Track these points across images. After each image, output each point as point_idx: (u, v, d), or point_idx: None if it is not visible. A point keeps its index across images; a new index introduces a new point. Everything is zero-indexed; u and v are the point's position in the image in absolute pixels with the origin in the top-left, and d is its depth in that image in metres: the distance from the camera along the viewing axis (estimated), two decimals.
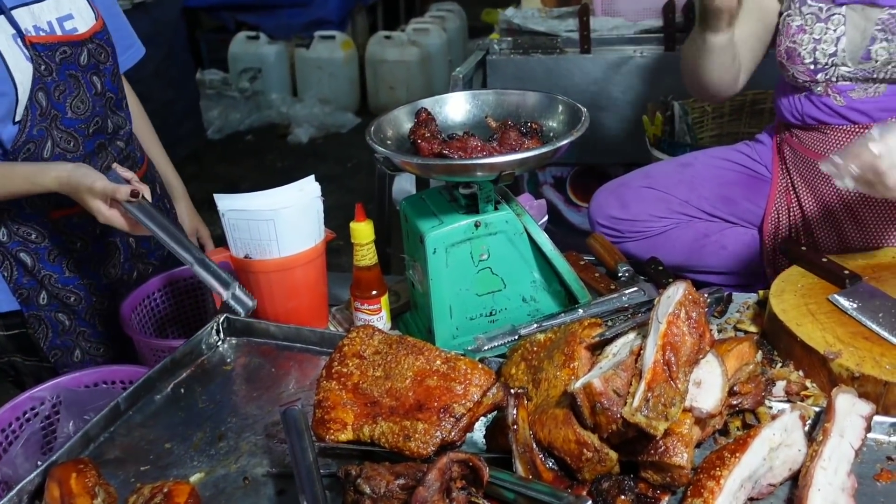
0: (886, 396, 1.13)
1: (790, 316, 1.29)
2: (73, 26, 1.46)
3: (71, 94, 1.44)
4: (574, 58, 2.88)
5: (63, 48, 1.42)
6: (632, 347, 1.11)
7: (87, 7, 1.50)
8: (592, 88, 2.90)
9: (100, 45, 1.49)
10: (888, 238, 1.60)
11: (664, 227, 1.78)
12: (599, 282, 1.47)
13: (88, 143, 1.49)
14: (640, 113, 2.75)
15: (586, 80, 2.89)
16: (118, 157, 1.56)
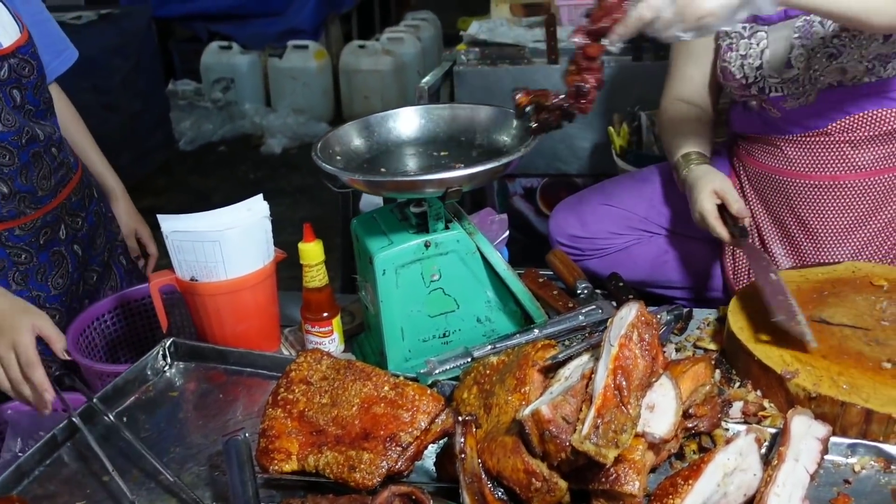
0: (844, 417, 1.11)
1: (747, 334, 1.26)
2: None
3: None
4: (541, 68, 2.86)
5: None
6: (584, 370, 1.07)
7: (12, 21, 1.46)
8: None
9: (23, 60, 1.45)
10: (842, 251, 1.59)
11: (625, 244, 1.76)
12: (558, 299, 1.44)
13: (23, 154, 1.47)
14: (609, 123, 2.73)
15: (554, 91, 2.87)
16: (53, 164, 1.53)
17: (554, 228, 1.83)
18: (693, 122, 1.70)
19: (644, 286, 1.80)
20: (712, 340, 1.38)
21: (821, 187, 1.58)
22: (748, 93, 1.61)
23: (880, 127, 1.52)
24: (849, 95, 1.52)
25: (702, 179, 1.55)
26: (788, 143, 1.61)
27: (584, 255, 1.79)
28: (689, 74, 1.72)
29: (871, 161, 1.55)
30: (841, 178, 1.57)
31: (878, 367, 1.17)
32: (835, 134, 1.55)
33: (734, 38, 1.59)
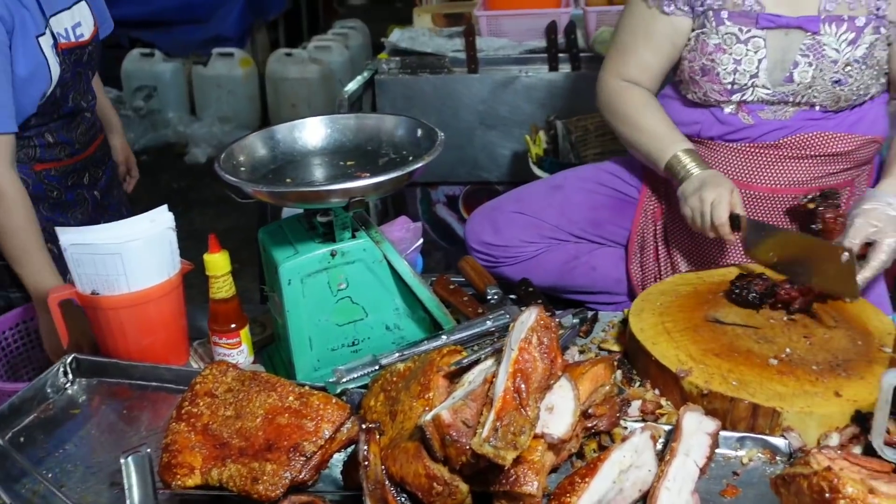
0: (733, 412, 1.16)
1: (647, 335, 1.31)
2: (80, 32, 1.72)
3: (74, 89, 1.72)
4: (462, 77, 2.91)
5: (76, 51, 1.70)
6: (487, 375, 1.10)
7: (89, 14, 1.77)
8: (480, 108, 2.93)
9: (95, 47, 1.78)
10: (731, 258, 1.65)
11: (536, 252, 1.80)
12: (467, 305, 1.46)
13: (67, 119, 1.76)
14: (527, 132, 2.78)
15: (474, 100, 2.92)
16: (87, 125, 1.82)
17: (469, 235, 1.86)
18: (658, 109, 1.65)
19: (554, 291, 1.84)
20: (616, 342, 1.42)
21: (757, 197, 1.63)
22: (727, 97, 1.59)
23: (828, 148, 1.58)
24: (819, 116, 1.58)
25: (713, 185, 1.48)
26: (734, 151, 1.63)
27: (498, 262, 1.82)
28: (645, 60, 1.66)
29: (811, 177, 1.61)
30: (779, 192, 1.62)
31: (765, 363, 1.22)
32: (784, 148, 1.59)
33: (725, 38, 1.55)
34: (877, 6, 1.46)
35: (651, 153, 1.60)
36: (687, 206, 1.49)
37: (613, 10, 2.88)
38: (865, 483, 0.82)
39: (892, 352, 1.26)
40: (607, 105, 1.70)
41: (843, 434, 1.12)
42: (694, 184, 1.49)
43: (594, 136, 2.73)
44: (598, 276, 1.81)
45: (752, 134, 1.60)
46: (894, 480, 0.85)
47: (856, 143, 1.57)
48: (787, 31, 1.51)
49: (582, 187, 1.84)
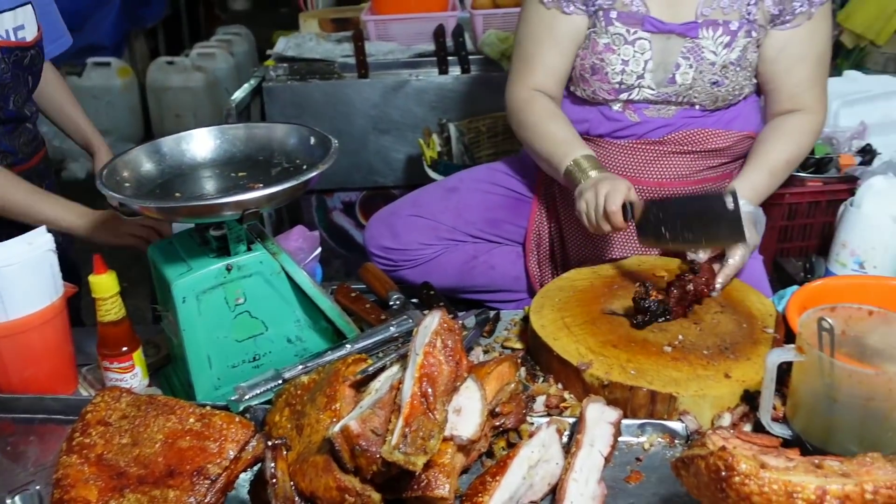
0: (633, 400, 1.20)
1: (548, 331, 1.34)
2: (23, 35, 1.69)
3: (15, 91, 1.68)
4: (352, 82, 2.89)
5: (17, 52, 1.66)
6: (393, 381, 1.09)
7: (34, 19, 1.73)
8: (372, 112, 2.92)
9: (38, 52, 1.74)
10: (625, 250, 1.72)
11: (435, 254, 1.81)
12: (370, 312, 1.46)
13: (10, 125, 1.72)
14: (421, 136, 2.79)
15: (366, 105, 2.91)
16: (28, 135, 1.79)
17: (368, 240, 1.85)
18: (562, 118, 1.66)
19: (455, 292, 1.85)
20: (518, 340, 1.45)
21: (644, 191, 1.68)
22: (615, 96, 1.64)
23: (708, 144, 1.65)
24: (699, 115, 1.64)
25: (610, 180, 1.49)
26: (622, 147, 1.68)
27: (399, 266, 1.81)
28: (552, 64, 1.66)
29: (693, 171, 1.68)
30: (665, 185, 1.69)
31: (660, 351, 1.27)
32: (668, 144, 1.66)
33: (614, 38, 1.59)
34: (748, 10, 1.55)
35: (552, 160, 1.62)
36: (582, 201, 1.51)
37: (499, 13, 2.94)
38: (757, 459, 0.87)
39: (773, 332, 1.34)
40: (515, 116, 1.70)
41: (734, 414, 1.18)
42: (590, 181, 1.52)
43: (487, 138, 2.77)
44: (498, 275, 1.84)
45: (638, 131, 1.66)
46: (782, 454, 0.90)
47: (732, 138, 1.65)
48: (669, 36, 1.58)
49: (477, 188, 1.86)
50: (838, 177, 2.01)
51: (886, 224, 1.66)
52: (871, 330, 1.10)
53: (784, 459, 0.88)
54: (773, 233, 2.04)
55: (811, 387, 1.05)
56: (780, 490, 0.82)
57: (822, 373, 1.02)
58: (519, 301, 1.87)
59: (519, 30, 1.70)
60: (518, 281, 1.86)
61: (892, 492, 0.81)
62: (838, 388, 1.01)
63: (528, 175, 1.85)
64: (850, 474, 0.84)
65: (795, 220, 2.06)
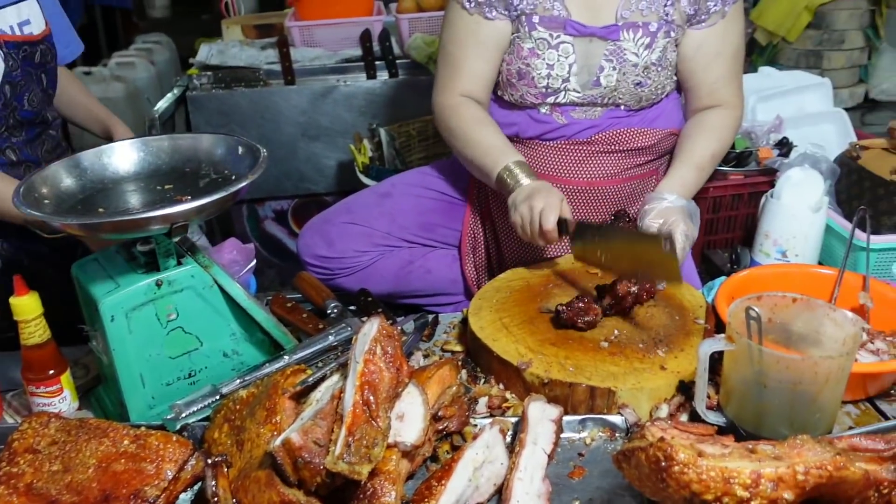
0: (573, 396, 1.22)
1: (487, 332, 1.35)
2: (29, 30, 1.66)
3: (28, 89, 1.65)
4: (279, 89, 2.85)
5: (24, 47, 1.63)
6: (334, 391, 1.08)
7: (39, 14, 1.69)
8: (301, 119, 2.89)
9: (48, 47, 1.70)
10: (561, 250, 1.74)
11: (371, 260, 1.80)
12: (307, 322, 1.44)
13: (30, 130, 1.69)
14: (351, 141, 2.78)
15: (294, 112, 2.88)
16: (51, 144, 1.76)
17: (302, 249, 1.83)
18: (491, 124, 1.67)
19: (393, 298, 1.85)
20: (458, 343, 1.45)
21: (575, 191, 1.71)
22: (542, 99, 1.66)
23: (634, 142, 1.68)
24: (624, 115, 1.67)
25: (543, 194, 1.49)
26: (552, 148, 1.70)
27: (335, 274, 1.80)
28: (479, 70, 1.66)
29: (621, 169, 1.71)
30: (595, 184, 1.71)
31: (597, 347, 1.30)
32: (595, 144, 1.68)
33: (538, 43, 1.60)
34: (665, 11, 1.60)
35: (483, 167, 1.62)
36: (517, 213, 1.51)
37: (425, 17, 2.94)
38: (694, 448, 0.89)
39: (704, 323, 1.38)
40: (443, 122, 1.70)
41: (671, 404, 1.21)
42: (524, 192, 1.52)
43: (418, 142, 2.77)
44: (434, 279, 1.84)
45: (566, 133, 1.69)
46: (718, 441, 0.93)
47: (657, 136, 1.70)
48: (591, 39, 1.61)
49: (410, 193, 1.86)
50: (758, 169, 2.09)
51: (805, 214, 1.73)
52: (796, 316, 1.14)
53: (720, 446, 0.90)
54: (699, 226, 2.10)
55: (742, 374, 1.09)
56: (717, 476, 0.85)
57: (751, 360, 1.06)
58: (457, 304, 1.88)
59: (443, 35, 1.70)
60: (455, 284, 1.87)
61: (822, 471, 0.84)
62: (767, 374, 1.05)
63: (460, 178, 1.86)
64: (782, 457, 0.87)
65: (720, 213, 2.12)
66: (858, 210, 1.52)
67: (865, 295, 1.41)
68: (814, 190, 1.76)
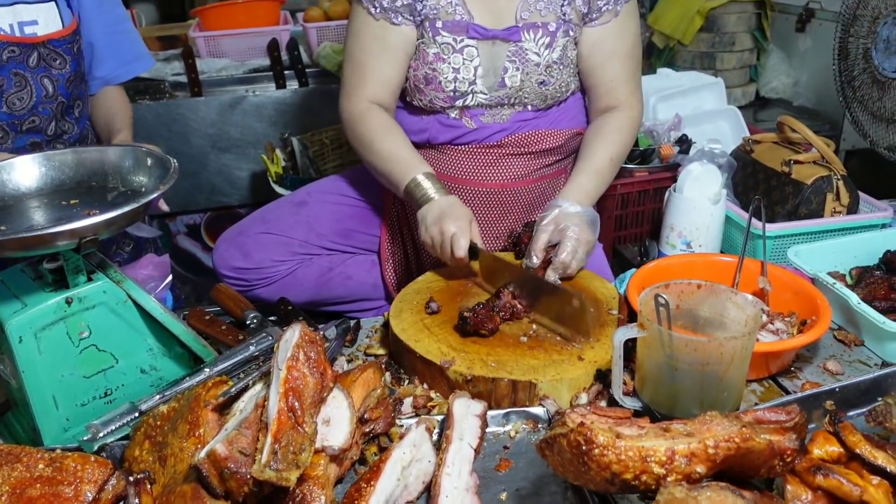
0: (496, 391, 1.24)
1: (408, 334, 1.36)
2: (32, 31, 1.60)
3: (9, 91, 1.58)
4: (186, 101, 2.80)
5: (11, 48, 1.56)
6: (257, 400, 1.07)
7: (56, 16, 1.63)
8: (211, 131, 2.84)
9: (54, 52, 1.63)
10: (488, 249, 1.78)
11: (289, 269, 1.79)
12: (226, 334, 1.42)
13: (19, 139, 1.63)
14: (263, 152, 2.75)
15: (203, 124, 2.82)
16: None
17: (218, 262, 1.80)
18: (399, 133, 1.66)
19: (314, 306, 1.84)
20: (381, 346, 1.46)
21: (489, 193, 1.74)
22: (451, 103, 1.67)
23: (542, 144, 1.72)
24: (532, 117, 1.71)
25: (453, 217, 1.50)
26: (463, 153, 1.72)
27: (253, 285, 1.78)
28: (386, 75, 1.66)
29: (530, 170, 1.75)
30: (507, 186, 1.74)
31: (517, 342, 1.33)
32: (505, 147, 1.71)
33: (443, 48, 1.62)
34: (563, 11, 1.65)
35: (391, 177, 1.62)
36: (427, 234, 1.52)
37: (332, 25, 2.94)
38: (613, 430, 0.93)
39: (618, 313, 1.43)
40: (351, 130, 1.69)
41: (589, 393, 1.25)
42: (434, 212, 1.52)
43: (332, 149, 2.77)
44: (355, 285, 1.84)
45: (476, 137, 1.72)
46: (635, 423, 0.97)
47: (563, 136, 1.75)
48: (494, 41, 1.64)
49: (326, 200, 1.86)
50: (662, 166, 2.18)
51: (705, 206, 1.82)
52: (701, 301, 1.20)
53: (636, 428, 0.94)
54: (609, 223, 2.17)
55: (655, 359, 1.14)
56: (635, 456, 0.88)
57: (662, 345, 1.11)
58: (378, 308, 1.89)
59: (348, 42, 1.69)
60: (376, 289, 1.87)
61: (730, 443, 0.89)
62: (678, 358, 1.10)
63: (375, 184, 1.86)
64: (693, 433, 0.92)
65: (628, 209, 2.20)
66: (754, 200, 1.61)
67: (764, 279, 1.49)
68: (713, 183, 1.85)
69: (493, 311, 1.36)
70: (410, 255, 1.86)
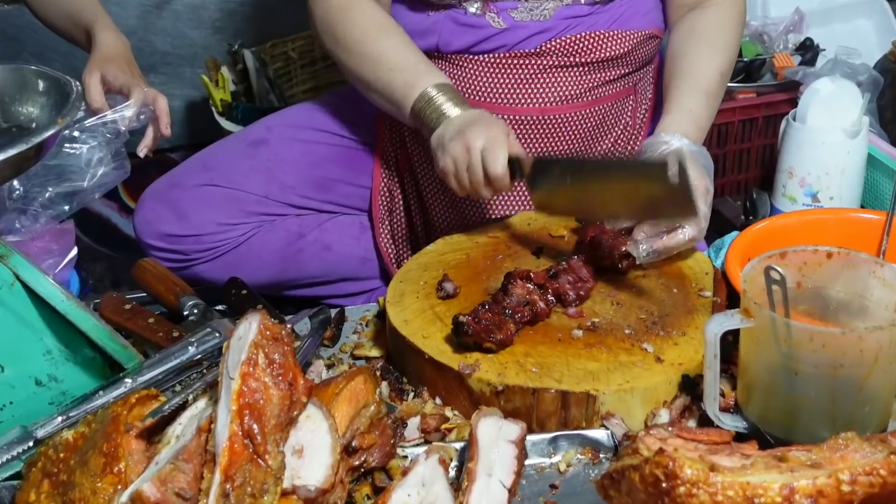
0: (538, 407, 1.25)
1: (414, 327, 1.37)
2: None
3: None
4: None
5: None
6: (201, 421, 1.09)
7: None
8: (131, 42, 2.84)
9: None
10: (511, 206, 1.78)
11: (243, 236, 1.81)
12: (156, 330, 1.44)
13: None
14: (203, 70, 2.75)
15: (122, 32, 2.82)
16: None
17: (142, 228, 1.81)
18: (399, 32, 1.66)
19: (279, 288, 1.85)
20: (375, 345, 1.47)
21: (524, 123, 1.74)
22: None
23: (601, 51, 1.71)
24: (586, 12, 1.70)
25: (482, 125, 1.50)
26: (487, 64, 1.72)
27: (191, 260, 1.79)
28: None
29: (584, 90, 1.74)
30: (550, 111, 1.74)
31: (568, 337, 1.33)
32: (547, 56, 1.71)
33: None
34: None
35: (391, 94, 1.62)
36: (447, 157, 1.51)
37: None
38: (705, 460, 0.93)
39: (712, 295, 1.43)
40: (327, 28, 1.69)
41: (672, 408, 1.25)
42: (453, 127, 1.52)
43: (300, 67, 2.77)
44: (336, 258, 1.85)
45: (506, 41, 1.71)
46: (737, 450, 0.97)
47: (632, 41, 1.74)
48: None
49: (294, 138, 1.86)
50: (776, 84, 2.16)
51: (839, 140, 1.81)
52: (833, 277, 1.19)
53: (739, 457, 0.95)
54: None
55: (765, 360, 1.14)
56: (737, 496, 0.88)
57: (776, 339, 1.10)
58: (370, 292, 1.90)
59: None
60: (365, 263, 1.88)
61: (874, 477, 0.89)
62: (798, 357, 1.10)
63: (364, 113, 1.87)
64: (821, 464, 0.92)
65: (727, 147, 2.19)
66: None
67: None
68: (849, 108, 1.84)
69: (506, 315, 1.33)
70: (415, 215, 1.87)
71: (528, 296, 1.37)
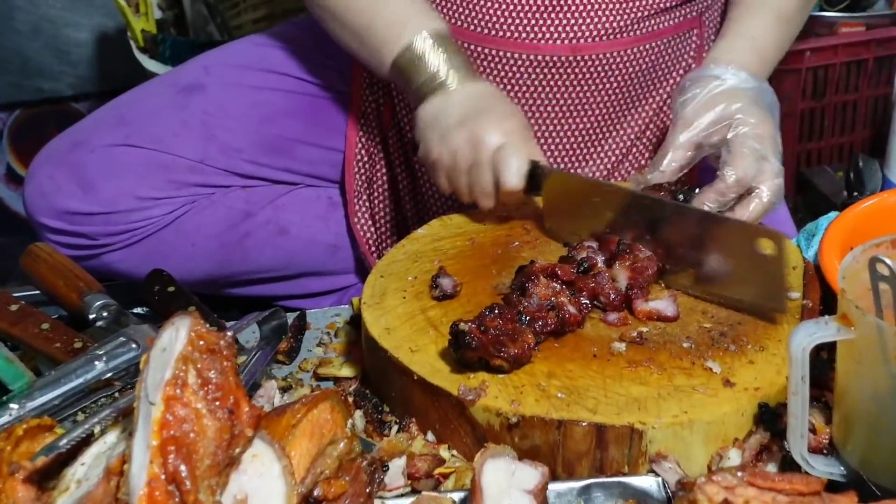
0: (566, 445, 1.25)
1: (399, 337, 1.37)
2: None
3: None
4: None
5: None
6: (110, 461, 1.10)
7: None
8: None
9: None
10: None
11: (170, 215, 1.82)
12: (51, 339, 1.45)
13: None
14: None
15: None
16: None
17: (34, 202, 1.82)
18: None
19: (218, 285, 1.86)
20: (346, 361, 1.48)
21: (553, 65, 1.75)
22: None
23: None
24: None
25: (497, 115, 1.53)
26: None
27: (100, 247, 1.80)
28: None
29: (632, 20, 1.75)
30: (585, 49, 1.74)
31: (606, 350, 1.34)
32: None
33: None
34: None
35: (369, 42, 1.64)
36: (444, 147, 1.53)
37: None
38: None
39: (801, 298, 1.43)
40: None
41: (745, 447, 1.25)
42: (457, 109, 1.54)
43: None
44: (295, 245, 1.87)
45: None
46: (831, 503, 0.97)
47: None
48: None
49: (240, 83, 1.88)
50: (890, 13, 2.16)
51: None
52: None
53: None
54: (787, 124, 2.16)
55: (870, 383, 1.14)
56: None
57: (884, 355, 1.10)
58: (340, 290, 1.91)
59: None
60: (335, 252, 1.89)
61: None
62: None
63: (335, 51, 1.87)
64: None
65: (825, 100, 2.19)
66: None
67: None
68: None
69: (522, 322, 1.33)
70: (403, 188, 1.88)
71: (553, 297, 1.37)
